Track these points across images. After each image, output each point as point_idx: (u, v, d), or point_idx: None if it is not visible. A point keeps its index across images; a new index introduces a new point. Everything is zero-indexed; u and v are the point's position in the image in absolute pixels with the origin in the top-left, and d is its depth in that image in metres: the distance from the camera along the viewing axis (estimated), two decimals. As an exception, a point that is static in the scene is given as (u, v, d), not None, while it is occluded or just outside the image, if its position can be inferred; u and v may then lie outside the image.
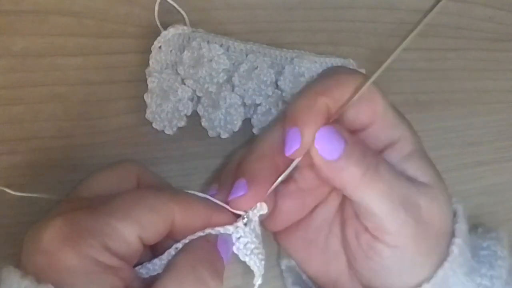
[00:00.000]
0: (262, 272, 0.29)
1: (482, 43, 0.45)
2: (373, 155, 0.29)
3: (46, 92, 0.32)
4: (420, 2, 0.42)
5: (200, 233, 0.28)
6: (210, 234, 0.28)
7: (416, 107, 0.42)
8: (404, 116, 0.31)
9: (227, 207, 0.29)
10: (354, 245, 0.31)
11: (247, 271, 0.30)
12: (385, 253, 0.29)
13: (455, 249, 0.30)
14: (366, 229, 0.30)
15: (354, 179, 0.28)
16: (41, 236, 0.24)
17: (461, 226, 0.31)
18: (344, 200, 0.32)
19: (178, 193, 0.28)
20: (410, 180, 0.30)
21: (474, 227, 0.38)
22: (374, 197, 0.28)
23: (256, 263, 0.29)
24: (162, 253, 0.27)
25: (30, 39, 0.32)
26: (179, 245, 0.27)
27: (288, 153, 0.28)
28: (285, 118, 0.29)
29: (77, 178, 0.29)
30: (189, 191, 0.29)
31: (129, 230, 0.25)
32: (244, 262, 0.29)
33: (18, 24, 0.32)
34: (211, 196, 0.29)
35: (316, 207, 0.33)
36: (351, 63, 0.38)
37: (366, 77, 0.29)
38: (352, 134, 0.29)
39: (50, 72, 0.33)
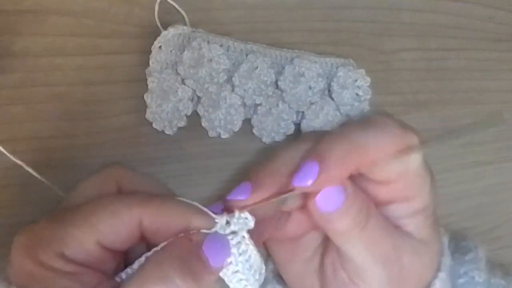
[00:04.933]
0: None
1: (482, 43, 0.45)
2: (366, 212, 0.29)
3: (46, 92, 0.32)
4: (420, 2, 0.42)
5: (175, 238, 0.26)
6: (195, 233, 0.26)
7: (416, 107, 0.42)
8: (430, 172, 0.30)
9: (209, 211, 0.27)
10: (330, 275, 0.31)
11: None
12: None
13: (437, 283, 0.30)
14: (344, 268, 0.30)
15: (341, 231, 0.28)
16: (12, 249, 0.25)
17: (446, 260, 0.32)
18: None
19: (150, 197, 0.27)
20: (402, 236, 0.30)
21: (462, 238, 0.38)
22: (356, 249, 0.29)
23: None
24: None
25: (30, 39, 0.32)
26: (149, 254, 0.26)
27: (295, 183, 0.27)
28: (314, 148, 0.28)
29: (77, 178, 0.29)
30: (180, 198, 0.27)
31: (86, 236, 0.25)
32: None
33: (18, 24, 0.32)
34: (215, 211, 0.27)
35: None
36: (351, 63, 0.38)
37: (408, 141, 0.28)
38: (356, 188, 0.29)
39: (50, 72, 0.33)
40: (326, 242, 0.33)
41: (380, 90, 0.39)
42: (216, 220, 0.27)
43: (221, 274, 0.27)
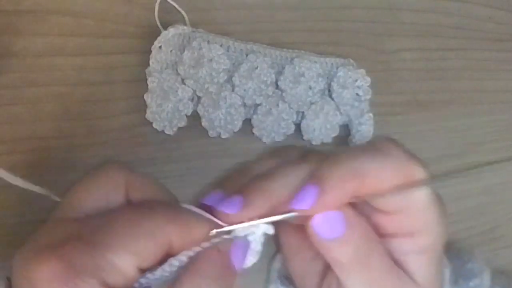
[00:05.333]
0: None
1: (482, 43, 0.45)
2: (369, 244, 0.28)
3: (46, 92, 0.32)
4: (420, 2, 0.42)
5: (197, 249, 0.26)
6: (221, 242, 0.26)
7: (416, 107, 0.42)
8: (442, 208, 0.28)
9: (224, 224, 0.27)
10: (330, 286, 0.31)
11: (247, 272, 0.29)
12: None
13: None
14: None
15: (341, 261, 0.27)
16: (35, 275, 0.23)
17: None
18: None
19: (175, 212, 0.26)
20: (401, 275, 0.28)
21: (468, 259, 0.37)
22: (355, 284, 0.28)
23: None
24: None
25: (30, 39, 0.32)
26: (183, 258, 0.26)
27: (294, 206, 0.27)
28: (314, 171, 0.27)
29: (77, 178, 0.29)
30: (186, 206, 0.27)
31: (127, 263, 0.24)
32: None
33: (18, 24, 0.32)
34: (215, 200, 0.28)
35: None
36: (351, 63, 0.38)
37: (413, 173, 0.26)
38: (359, 218, 0.28)
39: (50, 72, 0.33)
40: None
41: (380, 90, 0.39)
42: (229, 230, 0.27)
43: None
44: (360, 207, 0.28)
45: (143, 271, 0.25)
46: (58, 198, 0.30)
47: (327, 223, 0.27)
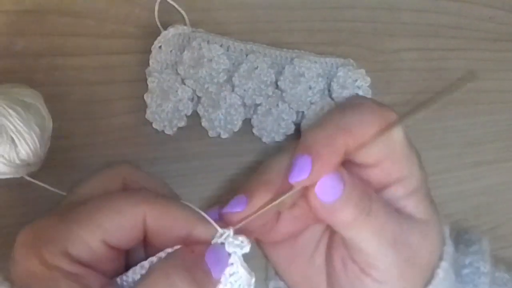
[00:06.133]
0: None
1: (482, 43, 0.45)
2: (368, 196, 0.29)
3: (46, 92, 0.32)
4: (420, 2, 0.42)
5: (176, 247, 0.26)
6: (196, 245, 0.26)
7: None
8: (415, 150, 0.31)
9: (212, 221, 0.27)
10: (339, 270, 0.31)
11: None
12: (371, 286, 0.30)
13: (440, 273, 0.30)
14: (354, 260, 0.30)
15: (347, 220, 0.28)
16: (14, 245, 0.25)
17: (448, 249, 0.32)
18: None
19: (155, 197, 0.27)
20: (406, 217, 0.30)
21: (464, 232, 0.38)
22: (365, 237, 0.29)
23: None
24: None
25: (30, 39, 0.32)
26: (154, 259, 0.26)
27: (292, 180, 0.27)
28: (300, 144, 0.28)
29: (77, 178, 0.29)
30: (184, 202, 0.27)
31: (91, 235, 0.25)
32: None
33: (18, 24, 0.32)
34: (212, 217, 0.27)
35: None
36: (351, 63, 0.38)
37: (389, 117, 0.28)
38: (352, 175, 0.29)
39: (50, 72, 0.33)
40: (331, 239, 0.32)
41: (380, 90, 0.39)
42: (221, 231, 0.26)
43: None
44: (348, 168, 0.29)
45: (112, 247, 0.25)
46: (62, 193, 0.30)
47: (328, 187, 0.28)
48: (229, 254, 0.26)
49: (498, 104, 0.45)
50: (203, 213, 0.27)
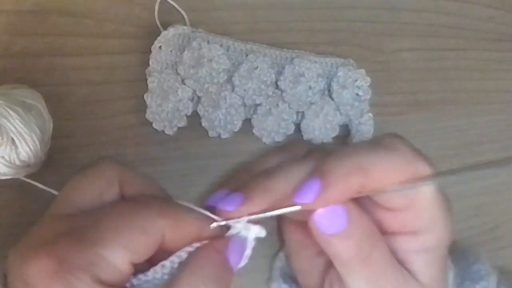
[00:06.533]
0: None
1: (482, 43, 0.45)
2: (371, 240, 0.27)
3: (46, 92, 0.32)
4: (420, 2, 0.42)
5: (189, 248, 0.26)
6: (219, 241, 0.26)
7: (416, 107, 0.42)
8: (447, 209, 0.28)
9: (219, 218, 0.27)
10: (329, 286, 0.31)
11: (248, 271, 0.29)
12: None
13: None
14: None
15: (343, 257, 0.27)
16: (27, 271, 0.23)
17: None
18: None
19: (167, 207, 0.26)
20: (405, 275, 0.28)
21: (473, 261, 0.36)
22: (355, 280, 0.28)
23: None
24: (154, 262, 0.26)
25: (30, 39, 0.32)
26: (175, 259, 0.26)
27: (296, 200, 0.27)
28: (318, 166, 0.27)
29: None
30: (180, 202, 0.27)
31: (120, 258, 0.23)
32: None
33: (18, 24, 0.32)
34: (215, 202, 0.28)
35: None
36: (351, 63, 0.38)
37: (418, 169, 0.26)
38: (362, 213, 0.27)
39: (50, 72, 0.33)
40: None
41: (380, 90, 0.39)
42: (237, 229, 0.27)
43: None
44: (364, 204, 0.28)
45: (136, 266, 0.25)
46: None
47: (329, 218, 0.27)
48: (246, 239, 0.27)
49: (498, 104, 0.45)
50: (211, 215, 0.27)
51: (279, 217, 0.34)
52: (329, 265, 0.32)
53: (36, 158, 0.28)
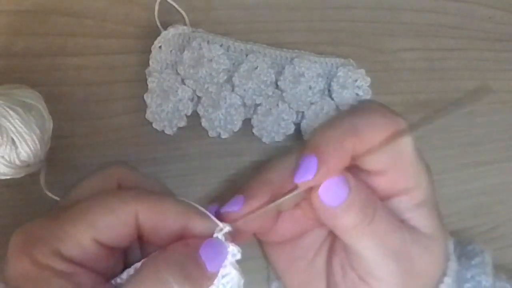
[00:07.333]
0: None
1: (482, 43, 0.45)
2: (373, 204, 0.28)
3: (46, 92, 0.32)
4: (420, 2, 0.42)
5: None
6: (192, 238, 0.26)
7: (416, 107, 0.42)
8: (425, 163, 0.30)
9: (208, 213, 0.27)
10: (338, 275, 0.31)
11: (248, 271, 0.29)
12: None
13: None
14: (354, 267, 0.30)
15: (348, 227, 0.28)
16: (8, 247, 0.25)
17: (452, 265, 0.32)
18: None
19: (147, 193, 0.26)
20: (410, 230, 0.29)
21: (467, 242, 0.37)
22: (365, 245, 0.28)
23: None
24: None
25: (30, 39, 0.32)
26: (140, 266, 0.25)
27: (297, 180, 0.27)
28: (308, 144, 0.28)
29: (77, 178, 0.29)
30: (181, 198, 0.27)
31: (82, 234, 0.24)
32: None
33: (18, 24, 0.32)
34: (211, 212, 0.27)
35: None
36: (351, 63, 0.38)
37: (399, 124, 0.28)
38: (358, 181, 0.29)
39: (50, 72, 0.33)
40: (332, 244, 0.32)
41: (380, 90, 0.39)
42: (221, 226, 0.26)
43: None
44: (355, 174, 0.29)
45: (104, 246, 0.25)
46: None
47: (332, 190, 0.28)
48: (228, 247, 0.26)
49: (498, 104, 0.45)
50: (201, 208, 0.27)
51: (261, 245, 0.35)
52: (330, 263, 0.32)
53: (36, 158, 0.28)
